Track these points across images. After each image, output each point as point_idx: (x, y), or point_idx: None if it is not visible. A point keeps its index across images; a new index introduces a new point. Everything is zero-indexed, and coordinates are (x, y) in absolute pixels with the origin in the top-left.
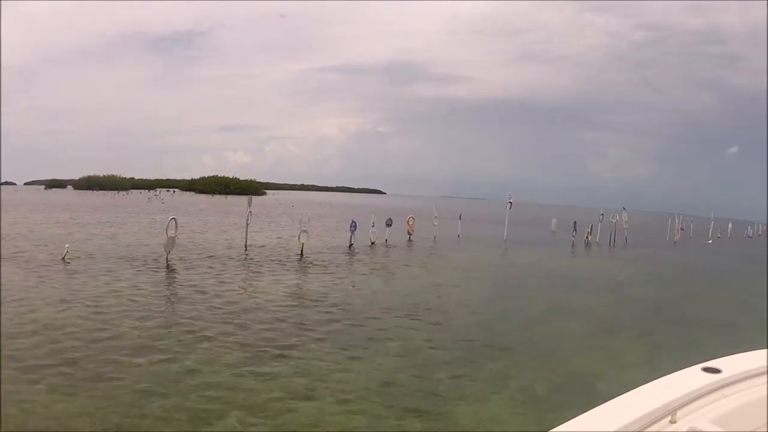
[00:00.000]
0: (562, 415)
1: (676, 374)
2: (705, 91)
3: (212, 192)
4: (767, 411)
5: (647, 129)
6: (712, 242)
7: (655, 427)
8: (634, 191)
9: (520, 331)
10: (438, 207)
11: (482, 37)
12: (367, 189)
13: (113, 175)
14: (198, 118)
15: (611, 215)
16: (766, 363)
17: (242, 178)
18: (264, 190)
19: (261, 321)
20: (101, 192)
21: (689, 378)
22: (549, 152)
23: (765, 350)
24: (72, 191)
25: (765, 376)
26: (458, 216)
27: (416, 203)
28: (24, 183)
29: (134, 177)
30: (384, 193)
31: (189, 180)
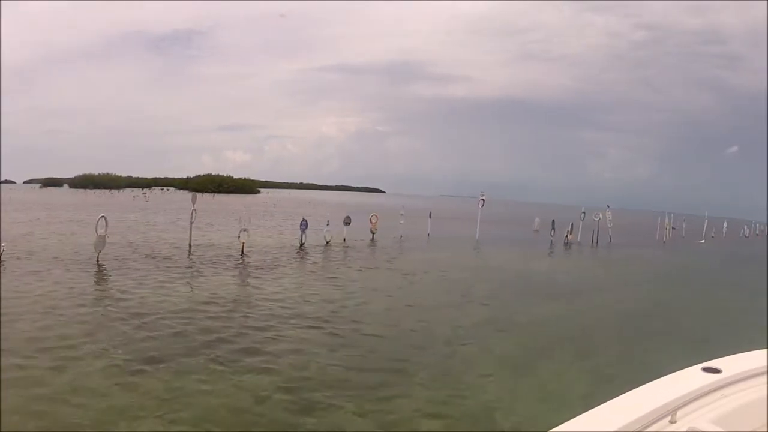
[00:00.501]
0: None
1: (676, 374)
2: (705, 91)
3: (205, 191)
4: (767, 411)
5: (647, 129)
6: (705, 242)
7: (655, 427)
8: (634, 191)
9: (429, 351)
10: (423, 206)
11: (482, 37)
12: (367, 188)
13: (109, 174)
14: (198, 118)
15: (594, 213)
16: (766, 363)
17: (243, 178)
18: (258, 189)
19: (150, 328)
20: (94, 191)
21: (689, 378)
22: (549, 152)
23: (765, 350)
24: (66, 190)
25: (765, 376)
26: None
27: (413, 202)
28: (23, 181)
29: (132, 176)
30: (384, 192)
31: (185, 178)
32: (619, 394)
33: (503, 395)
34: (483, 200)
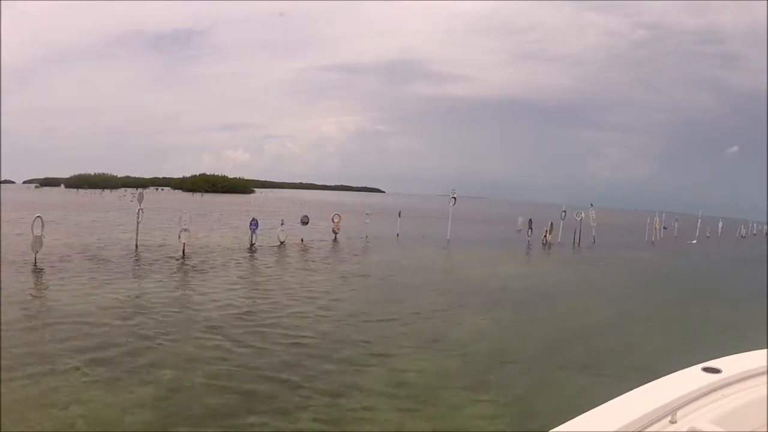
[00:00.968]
0: None
1: (676, 374)
2: (705, 91)
3: (199, 190)
4: (767, 411)
5: (647, 129)
6: (697, 242)
7: (655, 427)
8: (634, 191)
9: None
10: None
11: (481, 37)
12: (366, 188)
13: (104, 174)
14: (197, 117)
15: (576, 212)
16: (766, 363)
17: (237, 177)
18: (253, 189)
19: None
20: (87, 191)
21: (689, 378)
22: (548, 152)
23: (765, 350)
24: (62, 190)
25: (765, 376)
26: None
27: (408, 202)
28: (23, 181)
29: (129, 175)
30: (383, 192)
31: (180, 178)
32: (619, 394)
33: None
34: (454, 198)
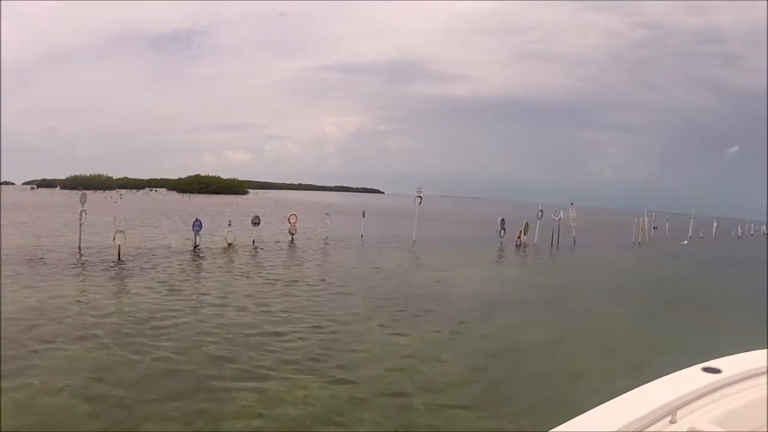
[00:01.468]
0: None
1: (676, 374)
2: (704, 91)
3: (192, 191)
4: (767, 411)
5: (647, 128)
6: (688, 243)
7: (655, 427)
8: (634, 191)
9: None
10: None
11: (481, 36)
12: (365, 189)
13: (99, 175)
14: (198, 117)
15: (554, 212)
16: (766, 363)
17: (231, 178)
18: (247, 190)
19: None
20: (79, 192)
21: (689, 378)
22: (548, 151)
23: (765, 350)
24: (55, 191)
25: (765, 376)
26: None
27: (403, 202)
28: (23, 182)
29: (128, 176)
30: (382, 193)
31: (176, 179)
32: (619, 394)
33: None
34: (420, 197)
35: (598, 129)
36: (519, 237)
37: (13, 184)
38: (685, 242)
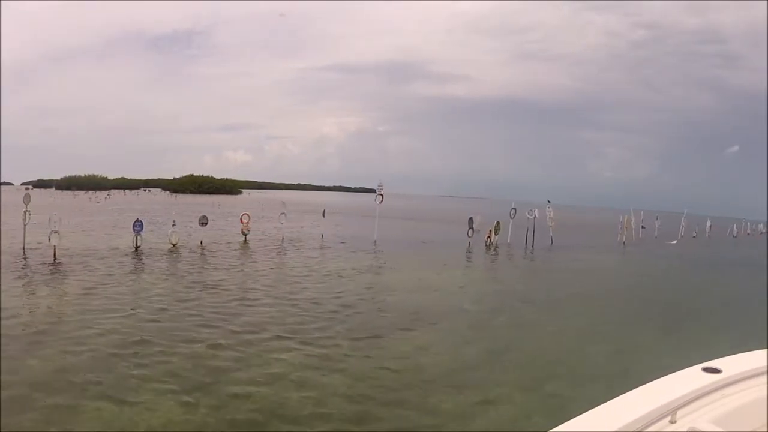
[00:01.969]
0: None
1: (676, 374)
2: (705, 91)
3: (186, 191)
4: (767, 411)
5: (647, 128)
6: (678, 243)
7: (655, 427)
8: (634, 190)
9: None
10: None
11: (481, 36)
12: (364, 188)
13: (94, 175)
14: (198, 118)
15: (528, 210)
16: (766, 363)
17: (224, 178)
18: (240, 190)
19: None
20: (73, 192)
21: (689, 378)
22: (549, 151)
23: (765, 350)
24: (50, 192)
25: (765, 376)
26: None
27: (407, 203)
28: (21, 183)
29: (125, 176)
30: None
31: (171, 179)
32: (619, 394)
33: None
34: (381, 195)
35: (598, 129)
36: (488, 237)
37: (12, 185)
38: (675, 242)
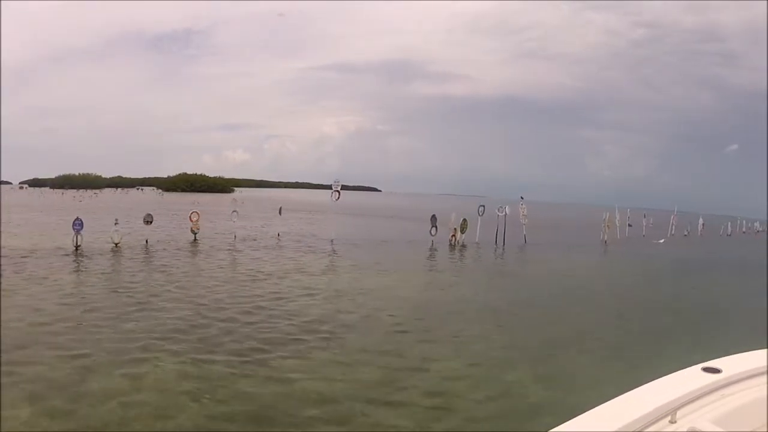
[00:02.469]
0: None
1: (676, 374)
2: (704, 90)
3: (177, 190)
4: (767, 411)
5: (646, 127)
6: (666, 242)
7: (655, 427)
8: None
9: None
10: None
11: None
12: (363, 187)
13: (89, 174)
14: (198, 117)
15: (498, 208)
16: (766, 363)
17: (216, 176)
18: (232, 188)
19: None
20: (68, 191)
21: (689, 378)
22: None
23: (765, 350)
24: (44, 190)
25: (765, 376)
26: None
27: (404, 201)
28: (19, 182)
29: (122, 175)
30: (379, 191)
31: (165, 178)
32: (619, 394)
33: None
34: (338, 192)
35: (598, 128)
36: (453, 235)
37: (11, 184)
38: (662, 241)
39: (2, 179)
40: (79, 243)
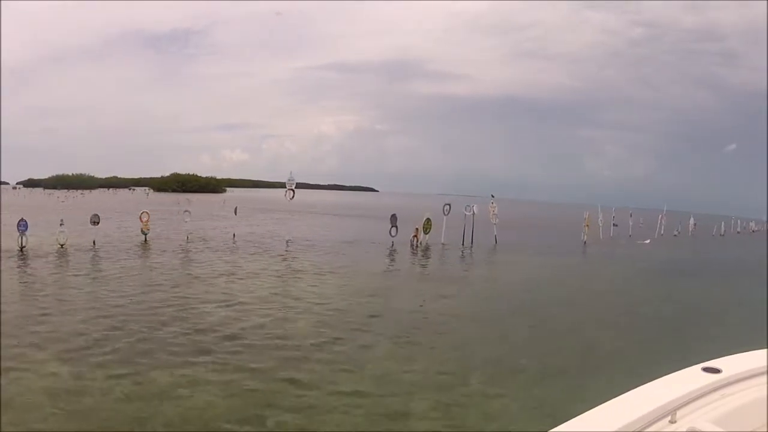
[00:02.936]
0: None
1: (676, 374)
2: (703, 89)
3: (168, 189)
4: (767, 411)
5: (645, 126)
6: (652, 242)
7: (655, 427)
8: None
9: None
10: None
11: (480, 35)
12: (360, 187)
13: (82, 174)
14: (196, 117)
15: (465, 206)
16: (766, 363)
17: (209, 177)
18: (224, 188)
19: None
20: (60, 191)
21: (689, 378)
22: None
23: (765, 350)
24: (36, 191)
25: (765, 376)
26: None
27: (398, 201)
28: (16, 183)
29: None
30: (376, 191)
31: (159, 178)
32: (619, 394)
33: None
34: (293, 191)
35: (597, 127)
36: (415, 236)
37: (8, 184)
38: (648, 242)
39: (2, 180)
40: (24, 244)
